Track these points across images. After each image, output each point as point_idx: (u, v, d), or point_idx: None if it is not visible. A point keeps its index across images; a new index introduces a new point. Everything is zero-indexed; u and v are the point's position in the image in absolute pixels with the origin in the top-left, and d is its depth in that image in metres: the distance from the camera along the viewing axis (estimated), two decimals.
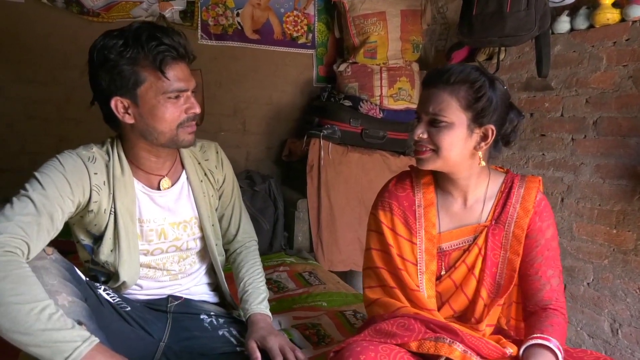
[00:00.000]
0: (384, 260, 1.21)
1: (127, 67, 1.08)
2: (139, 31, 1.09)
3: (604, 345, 2.05)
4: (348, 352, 0.99)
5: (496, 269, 1.17)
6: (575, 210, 2.16)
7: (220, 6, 3.03)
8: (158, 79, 1.09)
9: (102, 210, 1.15)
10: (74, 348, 0.89)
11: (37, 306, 0.89)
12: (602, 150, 2.04)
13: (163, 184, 1.23)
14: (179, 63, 1.12)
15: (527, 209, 1.15)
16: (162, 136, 1.14)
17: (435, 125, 1.11)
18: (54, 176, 1.06)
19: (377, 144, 2.88)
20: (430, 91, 1.12)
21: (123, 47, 1.07)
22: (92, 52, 1.12)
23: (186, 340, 1.25)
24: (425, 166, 1.15)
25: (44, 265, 1.00)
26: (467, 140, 1.11)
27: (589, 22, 2.07)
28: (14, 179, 2.62)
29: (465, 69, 1.11)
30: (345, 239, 2.76)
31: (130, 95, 1.10)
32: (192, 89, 1.16)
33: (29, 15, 2.62)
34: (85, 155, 1.14)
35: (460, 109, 1.09)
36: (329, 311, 1.80)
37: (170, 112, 1.12)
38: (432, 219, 1.20)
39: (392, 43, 2.94)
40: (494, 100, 1.10)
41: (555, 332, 1.06)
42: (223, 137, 3.13)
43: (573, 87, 2.15)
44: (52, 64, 2.68)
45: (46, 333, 0.88)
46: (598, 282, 2.07)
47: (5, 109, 2.64)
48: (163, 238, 1.25)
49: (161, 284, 1.30)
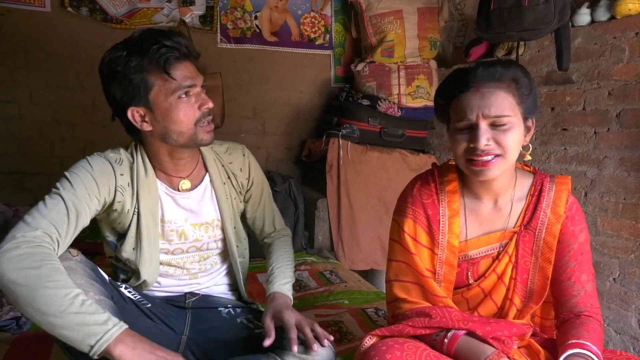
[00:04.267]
0: (404, 272, 1.15)
1: (135, 76, 1.11)
2: (141, 39, 1.13)
3: (632, 342, 2.01)
4: (374, 350, 0.99)
5: (527, 276, 1.13)
6: (600, 205, 2.12)
7: (238, 10, 3.07)
8: (165, 81, 1.12)
9: (126, 211, 1.19)
10: (105, 331, 0.92)
11: (71, 292, 0.94)
12: (626, 143, 2.01)
13: (182, 186, 1.26)
14: (183, 62, 1.14)
15: (558, 214, 1.10)
16: (181, 136, 1.17)
17: (499, 127, 1.02)
18: (83, 176, 1.12)
19: (396, 142, 2.88)
20: (482, 92, 1.02)
21: (128, 57, 1.11)
22: (101, 68, 1.16)
23: (207, 332, 1.27)
24: (492, 175, 1.04)
25: (70, 266, 1.04)
26: (523, 138, 1.07)
27: (610, 13, 2.04)
28: (44, 181, 2.72)
29: (510, 64, 1.05)
30: (365, 237, 2.77)
31: (143, 103, 1.14)
32: (200, 85, 1.18)
33: (56, 24, 2.71)
34: (112, 157, 1.19)
35: (517, 106, 1.04)
36: (351, 309, 1.81)
37: (184, 112, 1.14)
38: (456, 229, 1.13)
39: (410, 41, 2.94)
40: (537, 93, 1.08)
41: (592, 338, 1.01)
42: (243, 139, 3.17)
43: (595, 79, 2.12)
44: (79, 70, 2.77)
45: (79, 316, 0.92)
46: (624, 278, 2.03)
47: (35, 114, 2.73)
48: (183, 239, 1.28)
49: (180, 281, 1.33)
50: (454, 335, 1.04)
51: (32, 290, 0.92)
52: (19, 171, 2.73)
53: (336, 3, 3.28)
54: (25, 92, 2.71)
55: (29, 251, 0.96)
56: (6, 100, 2.68)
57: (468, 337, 1.04)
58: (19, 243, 0.97)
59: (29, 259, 0.95)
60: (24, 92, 2.71)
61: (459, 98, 1.06)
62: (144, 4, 2.81)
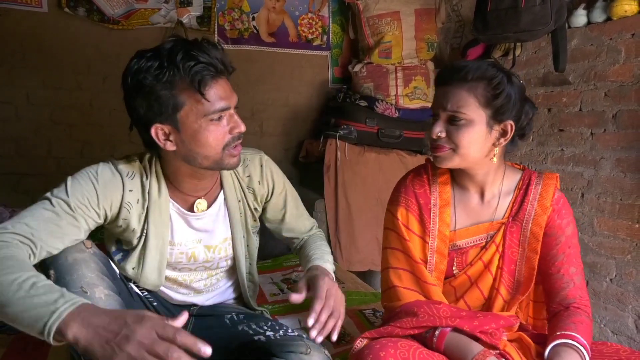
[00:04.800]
0: (399, 259, 1.20)
1: (164, 92, 1.00)
2: (174, 51, 1.00)
3: (628, 342, 2.02)
4: (368, 349, 1.01)
5: (514, 266, 1.16)
6: (596, 206, 2.13)
7: (236, 11, 3.07)
8: (198, 102, 1.02)
9: (131, 229, 1.13)
10: (53, 310, 0.79)
11: (20, 276, 0.84)
12: (622, 144, 2.01)
13: (198, 207, 1.18)
14: (219, 80, 1.04)
15: (544, 207, 1.14)
16: (206, 160, 1.07)
17: (454, 123, 1.08)
18: (85, 185, 1.05)
19: (393, 143, 2.88)
20: (446, 88, 1.10)
21: (159, 70, 0.99)
22: (126, 77, 1.03)
23: (206, 338, 1.25)
24: (443, 164, 1.13)
25: (83, 258, 1.01)
26: (486, 138, 1.10)
27: (606, 14, 2.05)
28: (41, 183, 2.72)
29: (482, 65, 1.09)
30: (363, 238, 2.77)
31: (170, 121, 1.03)
32: (234, 106, 1.08)
33: (53, 24, 2.70)
34: (124, 170, 1.10)
35: (479, 106, 1.07)
36: (348, 310, 1.80)
37: (214, 136, 1.04)
38: (447, 219, 1.18)
39: (407, 42, 2.94)
40: (512, 96, 1.08)
41: (579, 329, 1.04)
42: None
43: (591, 80, 2.13)
44: (76, 70, 2.76)
45: (27, 300, 0.81)
46: (621, 278, 2.04)
47: (31, 114, 2.72)
48: (193, 260, 1.23)
49: (184, 296, 1.30)
50: (442, 332, 1.06)
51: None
52: (16, 172, 2.72)
53: (334, 4, 3.29)
54: (22, 93, 2.70)
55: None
56: (3, 101, 2.67)
57: (456, 333, 1.06)
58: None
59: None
60: (21, 93, 2.70)
61: (436, 90, 1.15)
62: (141, 4, 2.81)
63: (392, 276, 1.20)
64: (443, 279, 1.20)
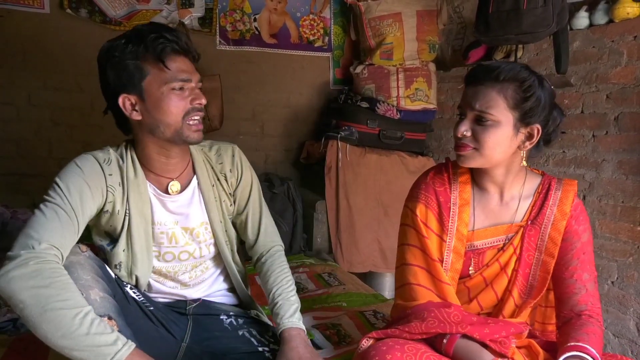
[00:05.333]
0: (416, 256, 1.18)
1: (130, 62, 1.11)
2: (142, 29, 1.13)
3: (630, 345, 2.01)
4: (374, 350, 1.00)
5: (529, 270, 1.15)
6: (598, 208, 2.12)
7: (237, 12, 3.08)
8: (160, 70, 1.12)
9: (116, 211, 1.17)
10: (116, 351, 0.93)
11: (80, 311, 0.94)
12: (624, 147, 2.01)
13: (172, 188, 1.23)
14: (180, 56, 1.14)
15: (564, 212, 1.14)
16: (168, 129, 1.14)
17: (481, 123, 1.08)
18: (75, 181, 1.10)
19: (394, 144, 2.88)
20: (477, 88, 1.09)
21: (125, 45, 1.11)
22: (99, 55, 1.15)
23: (207, 341, 1.26)
24: (466, 164, 1.12)
25: (79, 261, 1.05)
26: (512, 140, 1.08)
27: (608, 16, 2.04)
28: (41, 183, 2.70)
29: (515, 67, 1.08)
30: (364, 240, 2.77)
31: (136, 91, 1.13)
32: (196, 82, 1.17)
33: (54, 25, 2.70)
34: (101, 157, 1.17)
35: (508, 107, 1.06)
36: (349, 311, 1.81)
37: (174, 103, 1.13)
38: (466, 218, 1.17)
39: (408, 44, 2.94)
40: (542, 100, 1.07)
41: (591, 340, 1.02)
42: (242, 141, 3.17)
43: (593, 83, 2.13)
44: (77, 72, 2.76)
45: (89, 337, 0.92)
46: (623, 281, 2.03)
47: (32, 115, 2.73)
48: (174, 242, 1.25)
49: (171, 289, 1.31)
50: (451, 337, 1.05)
51: (41, 310, 0.92)
52: (16, 173, 2.72)
53: (335, 5, 3.29)
54: (24, 94, 2.70)
55: (38, 267, 0.95)
56: (4, 102, 2.67)
57: (466, 340, 1.05)
58: (26, 260, 0.95)
59: (38, 277, 0.94)
60: (22, 94, 2.70)
61: (465, 89, 1.13)
62: (143, 5, 2.81)
63: (407, 273, 1.18)
64: (458, 278, 1.19)
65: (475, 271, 1.18)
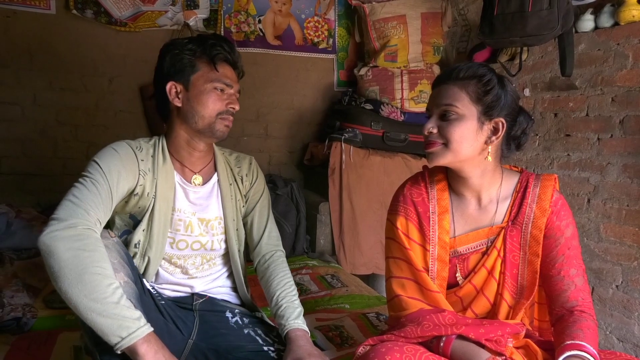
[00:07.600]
0: (402, 268, 1.19)
1: (187, 56, 1.27)
2: (205, 36, 1.31)
3: (635, 349, 2.00)
4: (373, 352, 1.00)
5: (517, 270, 1.15)
6: (602, 211, 2.11)
7: (242, 13, 3.08)
8: (210, 70, 1.27)
9: (146, 194, 1.25)
10: (138, 327, 0.98)
11: (114, 283, 1.00)
12: (629, 150, 2.00)
13: (194, 181, 1.33)
14: (229, 65, 1.32)
15: (544, 209, 1.13)
16: (202, 121, 1.27)
17: (446, 118, 1.11)
18: (112, 160, 1.18)
19: (398, 146, 2.88)
20: (440, 87, 1.14)
21: (187, 43, 1.28)
22: (163, 46, 1.32)
23: (213, 338, 1.28)
24: (436, 161, 1.13)
25: (107, 245, 1.09)
26: (477, 133, 1.10)
27: (613, 19, 2.04)
28: (46, 183, 2.73)
29: (473, 65, 1.13)
30: (367, 242, 2.76)
31: (184, 81, 1.27)
32: (236, 91, 1.33)
33: (60, 26, 2.71)
34: (134, 144, 1.27)
35: (471, 101, 1.10)
36: (352, 313, 1.81)
37: (213, 100, 1.27)
38: (446, 226, 1.18)
39: (413, 46, 2.94)
40: (502, 95, 1.11)
41: (587, 337, 1.01)
42: (246, 142, 3.18)
43: (598, 85, 2.12)
44: (82, 72, 2.77)
45: (118, 307, 0.97)
46: (627, 285, 2.02)
47: (38, 115, 2.74)
48: (190, 231, 1.32)
49: (179, 280, 1.34)
50: (447, 339, 1.06)
51: (80, 271, 0.97)
52: (21, 172, 2.73)
53: (340, 7, 3.29)
54: (29, 94, 2.71)
55: (85, 233, 1.02)
56: (10, 102, 2.68)
57: (462, 340, 1.05)
58: (74, 224, 1.02)
59: (84, 241, 1.00)
60: (28, 94, 2.71)
61: (432, 92, 1.18)
62: (148, 7, 2.82)
63: (395, 286, 1.19)
64: (446, 286, 1.19)
65: (463, 278, 1.18)
